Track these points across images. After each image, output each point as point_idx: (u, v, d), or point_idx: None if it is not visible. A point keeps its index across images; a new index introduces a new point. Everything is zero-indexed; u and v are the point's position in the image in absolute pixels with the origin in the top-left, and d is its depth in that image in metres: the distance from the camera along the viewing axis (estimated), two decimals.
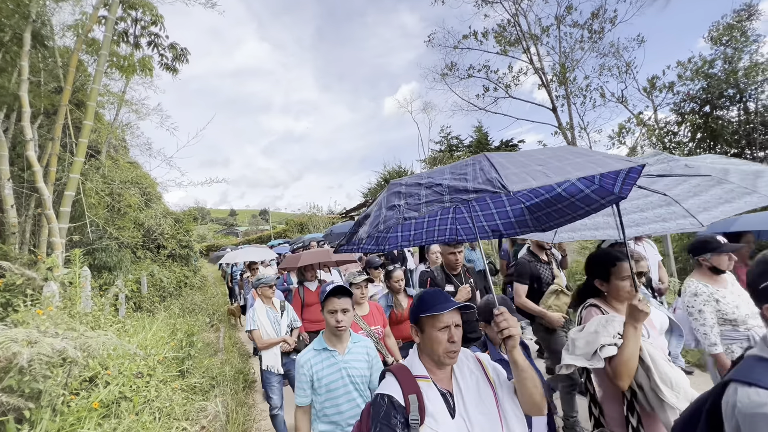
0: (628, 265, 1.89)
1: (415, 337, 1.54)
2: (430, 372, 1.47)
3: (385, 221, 1.39)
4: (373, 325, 3.06)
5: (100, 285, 6.47)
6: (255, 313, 3.82)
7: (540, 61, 11.60)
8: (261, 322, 3.77)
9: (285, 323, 3.93)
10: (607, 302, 1.99)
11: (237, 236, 42.97)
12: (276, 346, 3.77)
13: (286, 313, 3.99)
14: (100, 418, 2.87)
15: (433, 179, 1.38)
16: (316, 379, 2.03)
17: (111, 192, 7.20)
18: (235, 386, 4.79)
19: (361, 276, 3.13)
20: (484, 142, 32.96)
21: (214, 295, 11.34)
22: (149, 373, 3.69)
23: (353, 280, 3.10)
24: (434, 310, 1.44)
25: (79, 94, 7.08)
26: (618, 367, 1.70)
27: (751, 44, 7.81)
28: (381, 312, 3.19)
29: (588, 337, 1.79)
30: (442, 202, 1.30)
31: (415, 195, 1.37)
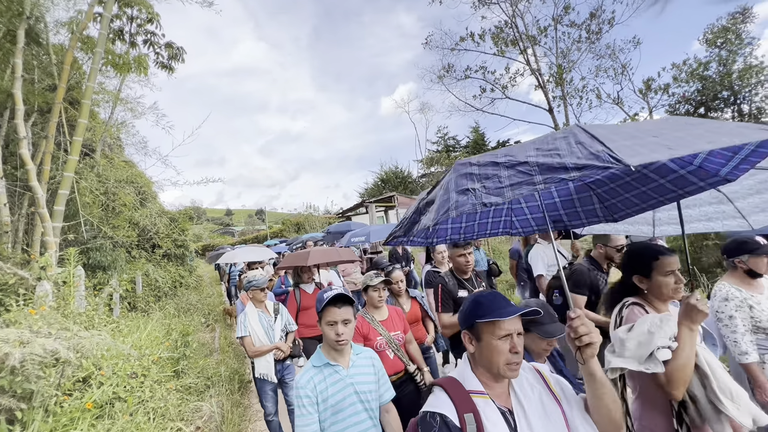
0: (671, 259, 1.72)
1: (468, 346, 1.36)
2: (486, 387, 1.29)
3: (457, 207, 1.18)
4: (393, 331, 2.79)
5: (94, 285, 6.41)
6: (246, 318, 3.55)
7: (537, 62, 11.66)
8: (252, 328, 3.52)
9: (279, 328, 3.68)
10: (648, 301, 1.81)
11: (233, 236, 42.79)
12: (269, 353, 3.55)
13: (280, 316, 3.73)
14: (94, 419, 2.85)
15: (514, 157, 1.20)
16: (321, 400, 1.77)
17: (106, 191, 7.14)
18: (231, 387, 4.77)
19: (378, 277, 2.88)
20: (480, 143, 33.10)
21: (209, 295, 11.29)
22: (144, 374, 3.67)
23: (370, 282, 2.86)
24: (494, 316, 1.26)
25: (74, 92, 7.02)
26: (673, 373, 1.51)
27: (745, 47, 7.87)
28: (401, 316, 2.96)
29: (640, 338, 1.60)
30: (532, 184, 1.09)
31: (494, 177, 1.18)
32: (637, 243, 2.21)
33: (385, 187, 33.40)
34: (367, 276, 2.91)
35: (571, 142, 1.12)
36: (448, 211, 1.20)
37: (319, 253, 4.54)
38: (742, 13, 8.26)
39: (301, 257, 4.47)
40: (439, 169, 26.68)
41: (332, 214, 28.96)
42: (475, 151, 32.75)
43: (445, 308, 2.75)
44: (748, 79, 7.71)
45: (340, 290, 1.89)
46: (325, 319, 1.86)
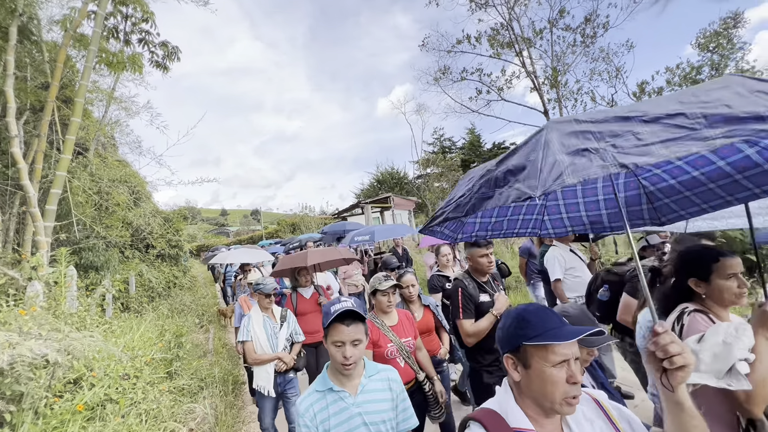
0: (734, 261, 1.59)
1: (512, 373, 1.11)
2: (534, 422, 1.06)
3: (575, 171, 0.92)
4: (403, 337, 2.61)
5: (86, 285, 6.35)
6: (250, 321, 3.32)
7: (532, 65, 11.74)
8: (255, 333, 3.27)
9: (284, 336, 3.39)
10: (707, 307, 1.65)
11: (228, 236, 42.58)
12: (270, 363, 3.25)
13: (286, 324, 3.45)
14: (85, 421, 2.81)
15: (648, 111, 0.95)
16: (322, 431, 1.54)
17: (99, 190, 7.07)
18: (225, 388, 4.74)
19: (388, 281, 2.66)
20: (476, 144, 33.24)
21: (203, 296, 11.21)
22: (136, 375, 3.63)
23: (379, 285, 2.64)
24: (548, 338, 1.03)
25: (67, 91, 6.95)
26: (754, 389, 1.33)
27: (737, 51, 8.00)
28: (411, 321, 2.77)
29: (715, 350, 1.42)
30: (702, 139, 0.84)
31: (626, 134, 0.93)
32: (692, 244, 2.00)
33: (381, 187, 33.42)
34: (376, 279, 2.69)
35: (741, 91, 0.89)
36: (562, 177, 0.93)
37: (318, 254, 4.30)
38: (734, 18, 8.39)
39: (298, 259, 4.24)
40: (435, 170, 26.72)
41: (328, 214, 28.91)
42: (471, 153, 32.90)
43: (466, 314, 2.52)
44: None
45: (349, 304, 1.61)
46: (331, 338, 1.58)
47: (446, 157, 27.95)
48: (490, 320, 2.43)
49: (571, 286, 3.92)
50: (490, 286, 2.68)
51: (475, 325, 2.47)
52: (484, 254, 2.63)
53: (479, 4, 11.96)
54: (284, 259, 4.53)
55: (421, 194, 26.17)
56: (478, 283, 2.63)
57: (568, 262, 3.91)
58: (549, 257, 3.96)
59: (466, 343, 2.53)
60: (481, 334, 2.44)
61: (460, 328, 2.52)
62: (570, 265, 3.92)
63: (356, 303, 1.64)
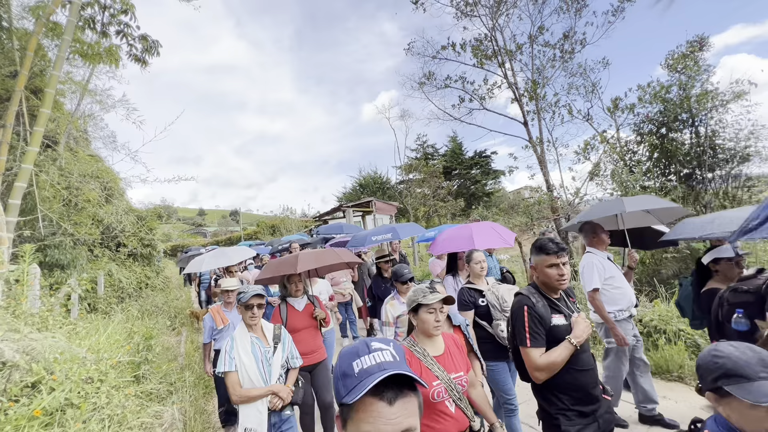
0: None
1: (731, 415, 0.94)
2: None
3: None
4: (453, 371, 1.92)
5: (50, 284, 6.05)
6: (234, 345, 2.54)
7: (514, 76, 12.06)
8: (242, 361, 2.49)
9: (278, 363, 2.63)
10: None
11: (205, 236, 41.52)
12: (262, 400, 2.51)
13: (281, 346, 2.69)
14: (42, 427, 2.67)
15: None
16: None
17: (68, 185, 6.78)
18: (195, 392, 4.60)
19: (435, 293, 1.95)
20: (458, 152, 33.78)
21: (176, 298, 10.87)
22: (100, 379, 3.48)
23: (423, 299, 1.94)
24: None
25: (37, 80, 6.67)
26: None
27: (702, 73, 8.47)
28: (461, 348, 2.10)
29: None
30: None
31: None
32: None
33: (364, 192, 33.42)
34: (418, 291, 2.01)
35: None
36: None
37: (311, 258, 3.51)
38: (700, 42, 8.90)
39: (286, 264, 3.47)
40: (417, 176, 26.95)
41: (309, 217, 28.65)
42: (453, 160, 33.38)
43: (535, 341, 1.95)
44: (705, 104, 8.28)
45: (389, 356, 0.87)
46: (358, 425, 0.81)
47: (429, 164, 28.27)
48: (567, 350, 1.89)
49: (612, 298, 3.44)
50: (564, 305, 2.10)
51: (547, 355, 1.92)
52: (553, 263, 2.02)
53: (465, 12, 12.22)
54: (270, 264, 3.80)
55: (403, 199, 26.31)
56: (550, 300, 2.08)
57: (608, 271, 3.44)
58: (585, 264, 3.50)
59: (534, 378, 1.99)
60: (555, 368, 1.90)
61: (527, 358, 1.98)
62: (609, 274, 3.46)
63: (397, 352, 0.91)
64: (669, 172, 9.19)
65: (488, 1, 11.93)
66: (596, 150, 10.76)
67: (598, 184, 10.33)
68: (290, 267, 3.35)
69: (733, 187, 8.47)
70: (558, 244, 2.03)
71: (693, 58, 8.81)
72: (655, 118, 9.08)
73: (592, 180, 10.67)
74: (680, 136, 8.92)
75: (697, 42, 9.05)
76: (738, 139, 8.06)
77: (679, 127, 8.82)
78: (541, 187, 11.96)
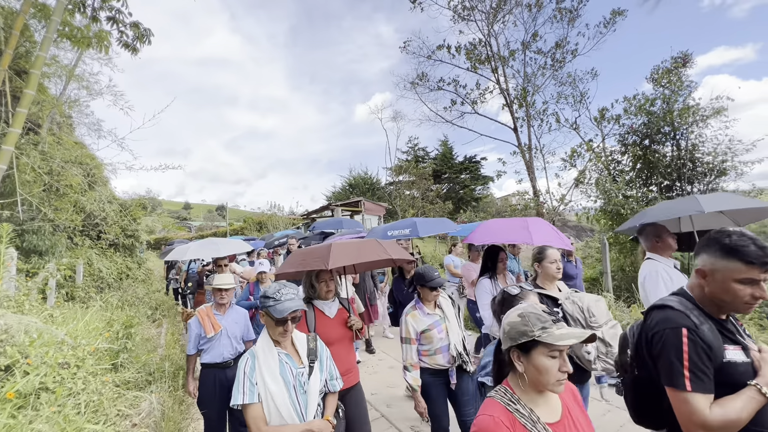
0: None
1: None
2: None
3: None
4: None
5: (27, 270, 5.89)
6: (255, 365, 1.85)
7: (506, 82, 12.27)
8: (267, 388, 1.79)
9: (317, 388, 1.92)
10: None
11: (190, 230, 40.83)
12: None
13: (318, 365, 1.99)
14: (15, 409, 2.62)
15: None
16: None
17: (50, 170, 6.62)
18: (174, 383, 4.55)
19: (565, 329, 1.29)
20: (448, 156, 34.06)
21: (158, 290, 10.69)
22: (77, 364, 3.42)
23: (543, 335, 1.26)
24: None
25: (22, 61, 6.50)
26: None
27: (685, 89, 8.78)
28: (583, 409, 1.44)
29: None
30: None
31: None
32: None
33: (353, 191, 33.40)
34: (531, 316, 1.32)
35: None
36: None
37: (348, 250, 2.64)
38: (683, 59, 9.23)
39: (316, 256, 2.63)
40: (407, 178, 27.07)
41: (297, 215, 28.47)
42: (443, 164, 33.63)
43: (700, 383, 1.30)
44: (686, 118, 8.58)
45: None
46: None
47: (419, 166, 28.43)
48: (755, 403, 1.26)
49: None
50: (736, 330, 1.44)
51: (722, 408, 1.26)
52: (749, 278, 1.33)
53: (462, 16, 12.40)
54: (295, 256, 2.95)
55: (392, 201, 26.40)
56: (718, 323, 1.41)
57: (675, 282, 2.80)
58: (648, 273, 2.90)
59: None
60: (735, 427, 1.25)
61: (685, 408, 1.30)
62: (677, 284, 2.75)
63: None
64: (650, 183, 9.47)
65: (485, 7, 12.14)
66: (582, 158, 11.03)
67: (583, 191, 10.58)
68: (321, 261, 2.52)
69: None
70: (766, 250, 1.33)
71: (677, 74, 9.12)
72: (639, 130, 9.36)
73: (577, 187, 10.93)
74: (662, 149, 9.21)
75: (681, 58, 9.38)
76: (716, 153, 8.37)
77: (662, 140, 9.11)
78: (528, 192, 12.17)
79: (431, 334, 2.63)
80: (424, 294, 2.73)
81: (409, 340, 2.64)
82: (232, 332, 3.28)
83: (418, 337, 2.65)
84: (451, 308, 2.84)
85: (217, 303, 3.38)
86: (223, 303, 3.37)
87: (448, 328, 2.70)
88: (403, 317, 2.71)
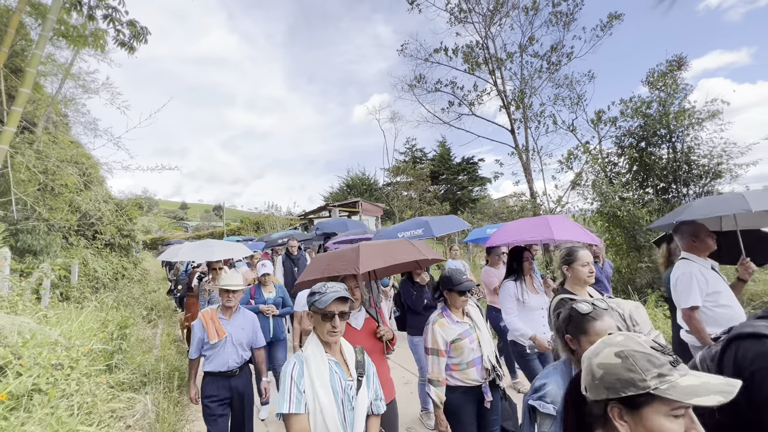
0: None
1: None
2: None
3: None
4: None
5: (21, 270, 5.85)
6: (305, 371, 1.66)
7: (503, 84, 12.31)
8: (317, 398, 1.61)
9: (364, 406, 1.73)
10: None
11: (187, 230, 40.66)
12: None
13: (366, 380, 1.79)
14: (7, 410, 2.60)
15: None
16: None
17: (45, 169, 6.57)
18: (170, 384, 4.52)
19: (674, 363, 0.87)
20: (446, 157, 34.11)
21: (154, 290, 10.63)
22: (71, 365, 3.39)
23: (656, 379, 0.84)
24: None
25: (17, 60, 6.46)
26: None
27: (680, 91, 8.83)
28: None
29: None
30: None
31: None
32: None
33: (350, 192, 33.39)
34: (646, 360, 0.87)
35: None
36: None
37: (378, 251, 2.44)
38: (678, 62, 9.29)
39: (344, 260, 2.39)
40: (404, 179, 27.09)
41: (294, 215, 28.42)
42: (441, 165, 33.67)
43: None
44: (682, 121, 8.63)
45: None
46: None
47: (416, 167, 28.44)
48: None
49: (714, 319, 2.57)
50: None
51: None
52: None
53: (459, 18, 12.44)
54: (319, 261, 2.65)
55: (390, 201, 26.40)
56: None
57: (711, 285, 2.59)
58: (681, 274, 2.66)
59: None
60: None
61: None
62: (713, 288, 2.60)
63: None
64: (647, 185, 9.51)
65: (482, 9, 12.19)
66: (579, 160, 11.08)
67: (580, 193, 10.61)
68: (350, 265, 2.27)
69: None
70: None
71: (672, 77, 9.17)
72: (635, 132, 9.41)
73: (574, 189, 10.96)
74: (658, 151, 9.26)
75: (675, 61, 9.43)
76: (711, 156, 8.42)
77: (658, 142, 9.16)
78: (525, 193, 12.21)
79: (462, 344, 2.36)
80: (452, 300, 2.45)
81: (437, 351, 2.35)
82: (238, 339, 3.01)
83: (448, 348, 2.37)
84: (480, 316, 2.57)
85: (224, 306, 3.07)
86: (230, 306, 3.05)
87: (479, 337, 2.43)
88: (429, 326, 2.44)
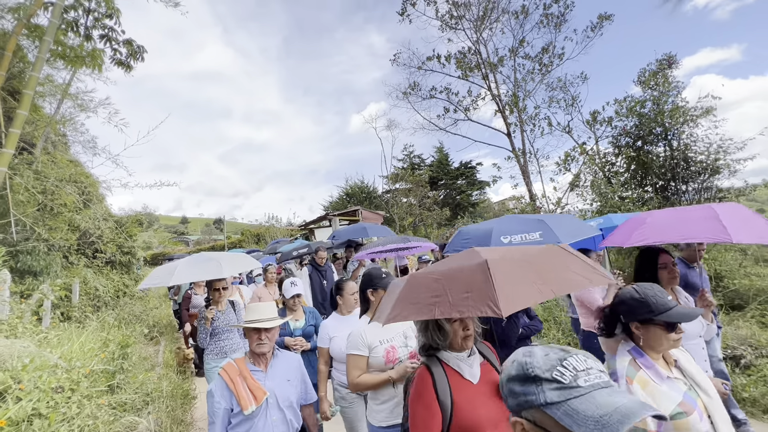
0: None
1: None
2: None
3: None
4: None
5: (21, 291, 5.82)
6: None
7: (497, 88, 12.40)
8: None
9: None
10: None
11: (188, 245, 40.61)
12: None
13: None
14: None
15: None
16: None
17: (44, 190, 6.59)
18: (173, 403, 4.47)
19: None
20: (444, 163, 34.16)
21: (155, 307, 10.58)
22: (72, 388, 3.35)
23: None
24: None
25: (15, 82, 6.52)
26: None
27: (673, 89, 8.89)
28: None
29: None
30: None
31: None
32: None
33: (350, 201, 33.36)
34: None
35: None
36: None
37: (523, 271, 1.36)
38: (668, 60, 9.36)
39: (463, 289, 1.28)
40: (403, 185, 27.14)
41: (295, 226, 28.40)
42: (439, 170, 33.72)
43: None
44: (677, 118, 8.66)
45: None
46: None
47: (415, 174, 28.50)
48: None
49: None
50: None
51: None
52: None
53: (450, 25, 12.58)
54: (412, 290, 1.42)
55: (389, 209, 26.40)
56: None
57: None
58: None
59: None
60: None
61: None
62: None
63: None
64: (645, 184, 9.52)
65: (472, 15, 12.33)
66: (576, 161, 11.10)
67: (579, 194, 10.62)
68: (480, 299, 1.20)
69: (705, 198, 8.81)
70: None
71: (663, 75, 9.24)
72: (631, 132, 9.44)
73: (573, 190, 10.97)
74: (655, 149, 9.28)
75: (665, 60, 9.50)
76: (708, 152, 8.43)
77: (654, 141, 9.19)
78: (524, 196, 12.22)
79: (689, 423, 1.32)
80: (653, 338, 1.44)
81: None
82: (286, 398, 2.03)
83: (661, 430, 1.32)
84: (693, 361, 1.56)
85: (254, 353, 2.06)
86: (263, 352, 2.05)
87: (707, 406, 1.39)
88: (626, 385, 1.37)
